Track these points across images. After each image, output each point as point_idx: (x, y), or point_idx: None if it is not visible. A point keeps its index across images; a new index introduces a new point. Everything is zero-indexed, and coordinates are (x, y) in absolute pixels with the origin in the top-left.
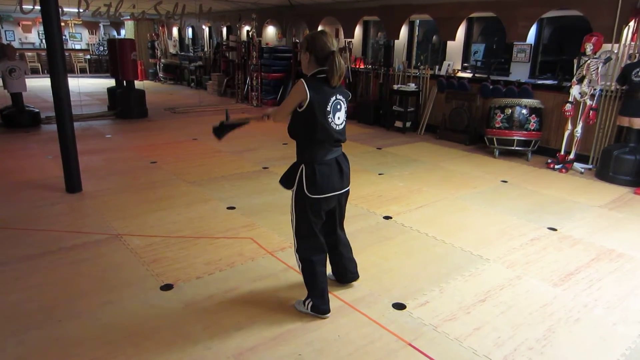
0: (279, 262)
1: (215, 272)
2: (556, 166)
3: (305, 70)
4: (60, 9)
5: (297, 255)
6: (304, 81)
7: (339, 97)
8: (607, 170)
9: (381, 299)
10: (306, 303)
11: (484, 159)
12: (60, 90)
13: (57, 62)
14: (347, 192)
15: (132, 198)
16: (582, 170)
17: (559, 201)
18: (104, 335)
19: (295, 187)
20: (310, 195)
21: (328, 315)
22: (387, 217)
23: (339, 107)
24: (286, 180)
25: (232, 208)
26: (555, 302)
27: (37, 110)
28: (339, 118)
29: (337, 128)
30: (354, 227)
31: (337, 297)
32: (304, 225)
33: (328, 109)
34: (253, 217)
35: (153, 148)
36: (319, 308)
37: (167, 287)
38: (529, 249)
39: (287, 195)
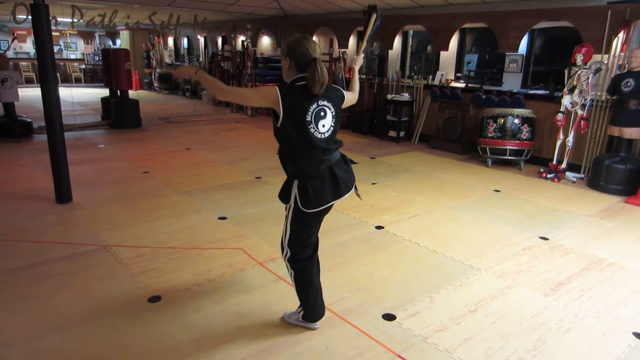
0: (269, 273)
1: (204, 284)
2: (548, 175)
3: (285, 77)
4: (54, 19)
5: (289, 264)
6: (277, 89)
7: (322, 103)
8: (598, 179)
9: (371, 309)
10: (298, 312)
11: (477, 168)
12: (50, 100)
13: (47, 72)
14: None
15: (122, 208)
16: (574, 179)
17: (551, 210)
18: (87, 349)
19: (291, 202)
20: (306, 211)
21: (317, 326)
22: (379, 227)
23: (322, 114)
24: (282, 196)
25: (224, 218)
26: (545, 311)
27: (30, 120)
28: (323, 126)
29: (323, 137)
30: (345, 237)
31: (327, 309)
32: (299, 236)
33: (308, 118)
34: (244, 227)
35: (146, 158)
36: (310, 316)
37: (155, 299)
38: (521, 259)
39: (280, 205)
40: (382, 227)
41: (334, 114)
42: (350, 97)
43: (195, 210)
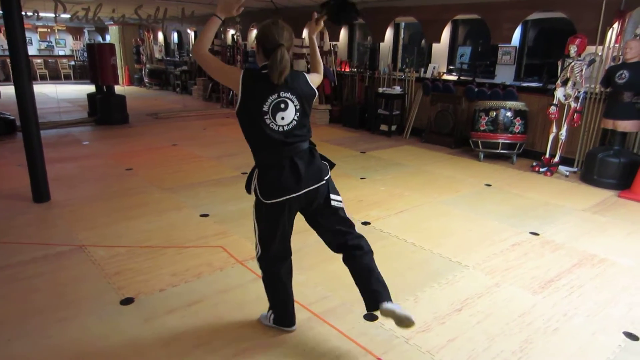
0: (248, 271)
1: (180, 284)
2: (541, 169)
3: (257, 62)
4: (36, 13)
5: (259, 263)
6: (242, 71)
7: (283, 94)
8: (591, 173)
9: (353, 309)
10: (269, 315)
11: (469, 162)
12: (24, 98)
13: (21, 69)
14: (316, 194)
15: (102, 207)
16: (567, 173)
17: (543, 205)
18: (52, 356)
19: (252, 193)
20: (264, 201)
21: (293, 328)
22: (365, 223)
23: (282, 105)
24: (247, 185)
25: (206, 215)
26: (533, 310)
27: (12, 117)
28: (282, 119)
29: (281, 129)
30: None
31: (305, 309)
32: (263, 232)
33: (265, 108)
34: (226, 224)
35: (130, 155)
36: (282, 321)
37: (127, 301)
38: (510, 255)
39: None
40: (369, 223)
41: (297, 107)
42: (316, 80)
43: (177, 208)
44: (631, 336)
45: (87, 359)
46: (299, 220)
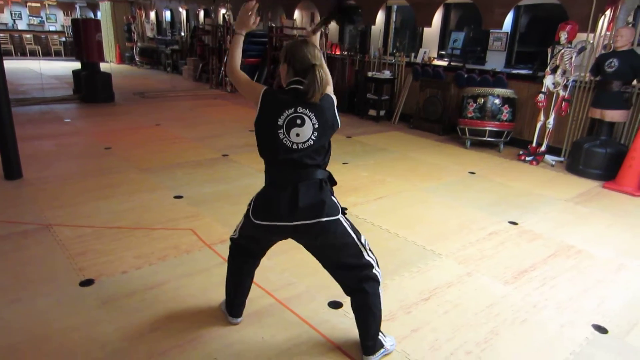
0: (215, 255)
1: (143, 267)
2: (527, 158)
3: (282, 82)
4: None
5: (230, 242)
6: (264, 88)
7: (301, 110)
8: (577, 163)
9: (318, 296)
10: (224, 300)
11: (455, 149)
12: None
13: None
14: (312, 231)
15: (74, 186)
16: (553, 162)
17: (525, 194)
18: (5, 337)
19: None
20: (252, 219)
21: (236, 320)
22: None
23: (299, 122)
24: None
25: (179, 197)
26: (503, 301)
27: None
28: (297, 135)
29: (295, 147)
30: None
31: (269, 295)
32: (244, 230)
33: (279, 122)
34: (199, 207)
35: (111, 134)
36: (229, 308)
37: (87, 283)
38: (486, 244)
39: (241, 184)
40: (346, 209)
41: (315, 126)
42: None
43: (151, 189)
44: (600, 329)
45: (37, 340)
46: None
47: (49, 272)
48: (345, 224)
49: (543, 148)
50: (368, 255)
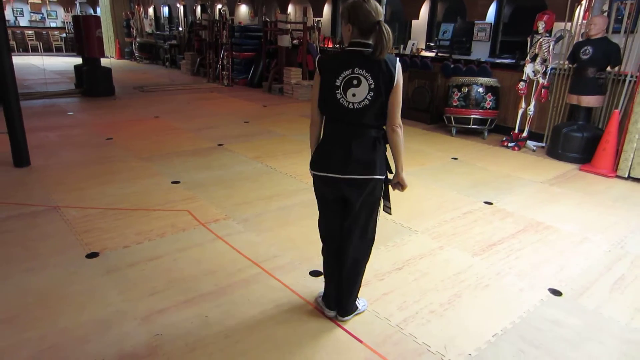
0: (209, 233)
1: (143, 242)
2: (509, 144)
3: (345, 42)
4: None
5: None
6: (316, 63)
7: (358, 71)
8: (556, 147)
9: (301, 267)
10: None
11: (441, 137)
12: (4, 68)
13: (1, 41)
14: (358, 185)
15: (79, 172)
16: (534, 148)
17: (503, 177)
18: (21, 299)
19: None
20: (311, 170)
21: (331, 314)
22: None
23: (355, 82)
24: None
25: (177, 182)
26: (469, 270)
27: None
28: (354, 95)
29: (351, 106)
30: (291, 201)
31: (257, 265)
32: (320, 216)
33: (337, 83)
34: (195, 190)
35: (112, 125)
36: (325, 299)
37: (92, 255)
38: (459, 222)
39: (235, 170)
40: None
41: (372, 86)
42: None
43: (150, 175)
44: (555, 292)
45: (47, 301)
46: (265, 186)
47: (57, 246)
48: (382, 187)
49: (525, 134)
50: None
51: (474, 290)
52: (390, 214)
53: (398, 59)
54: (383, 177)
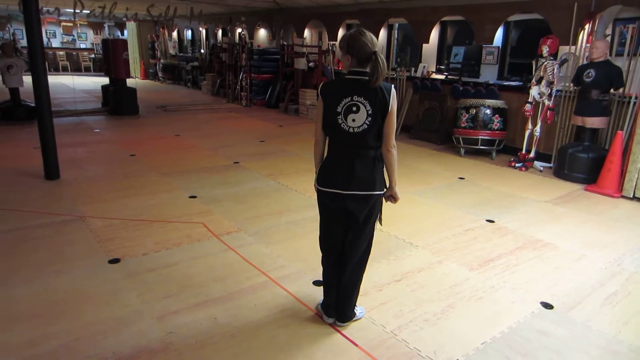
0: (222, 244)
1: (161, 251)
2: (517, 164)
3: (344, 70)
4: (57, 10)
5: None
6: (319, 88)
7: (357, 98)
8: (562, 168)
9: (305, 276)
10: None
11: (450, 157)
12: (40, 87)
13: (37, 62)
14: (358, 201)
15: (103, 186)
16: (542, 168)
17: (508, 196)
18: (50, 297)
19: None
20: (318, 187)
21: (329, 321)
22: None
23: (354, 109)
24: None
25: (194, 197)
26: (465, 283)
27: (33, 104)
28: (354, 120)
29: (352, 130)
30: (301, 215)
31: (264, 274)
32: (323, 228)
33: (338, 109)
34: (211, 205)
35: (136, 142)
36: (324, 308)
37: (114, 261)
38: (460, 238)
39: (249, 187)
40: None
41: (369, 112)
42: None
43: (169, 189)
44: (547, 305)
45: (73, 299)
46: (276, 202)
47: (83, 252)
48: (381, 202)
49: (532, 154)
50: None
51: (468, 301)
52: (381, 224)
53: (393, 86)
54: (382, 192)
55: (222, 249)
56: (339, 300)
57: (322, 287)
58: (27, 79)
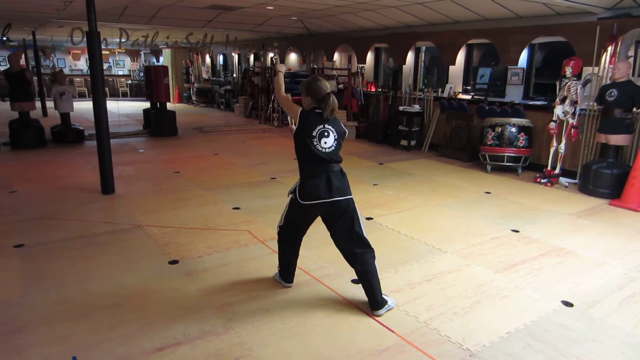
0: (267, 248)
1: (213, 254)
2: (542, 180)
3: (306, 108)
4: (104, 40)
5: (277, 229)
6: (300, 109)
7: (327, 126)
8: (587, 183)
9: (344, 276)
10: (277, 270)
11: (477, 173)
12: (99, 111)
13: (98, 88)
14: (340, 205)
15: (154, 199)
16: (567, 184)
17: (533, 209)
18: (121, 291)
19: (292, 194)
20: (300, 201)
21: (290, 284)
22: (368, 218)
23: (326, 134)
24: (290, 190)
25: (237, 208)
26: (491, 283)
27: (82, 128)
28: (325, 143)
29: (324, 150)
30: None
31: (306, 272)
32: (289, 215)
33: (313, 134)
34: (254, 215)
35: (178, 161)
36: (284, 276)
37: (174, 262)
38: (486, 245)
39: (286, 200)
40: (372, 219)
41: (336, 137)
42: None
43: (214, 202)
44: (567, 303)
45: (142, 293)
46: None
47: (145, 255)
48: (354, 203)
49: (557, 171)
50: (365, 233)
51: (494, 299)
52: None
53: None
54: (352, 195)
55: (267, 252)
56: (366, 292)
57: (359, 285)
58: (77, 105)
